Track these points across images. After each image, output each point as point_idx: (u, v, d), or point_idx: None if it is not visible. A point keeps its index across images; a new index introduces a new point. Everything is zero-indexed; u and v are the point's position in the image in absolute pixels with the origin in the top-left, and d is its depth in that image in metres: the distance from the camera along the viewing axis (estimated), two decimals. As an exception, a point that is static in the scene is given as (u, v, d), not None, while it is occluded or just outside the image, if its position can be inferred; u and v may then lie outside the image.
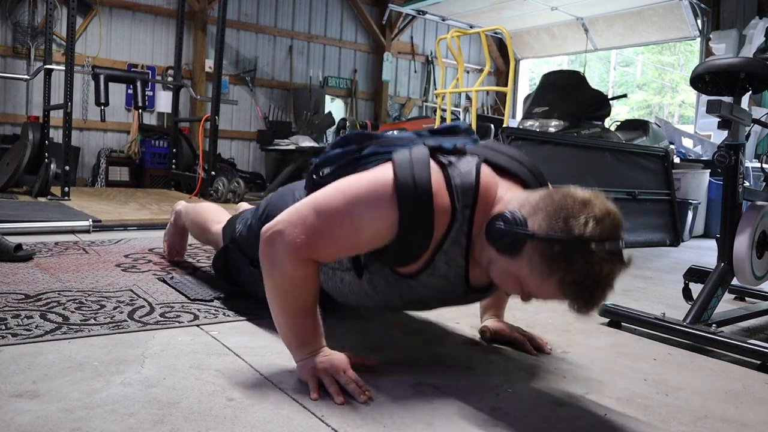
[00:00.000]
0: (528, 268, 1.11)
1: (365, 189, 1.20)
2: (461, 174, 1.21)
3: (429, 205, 1.17)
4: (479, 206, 1.20)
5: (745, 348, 1.57)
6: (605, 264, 1.05)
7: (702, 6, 6.77)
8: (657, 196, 4.22)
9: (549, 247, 1.06)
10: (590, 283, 1.05)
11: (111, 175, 6.27)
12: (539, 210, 1.11)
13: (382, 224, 1.19)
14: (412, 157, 1.22)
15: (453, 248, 1.22)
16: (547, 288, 1.10)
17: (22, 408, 1.04)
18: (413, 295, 1.31)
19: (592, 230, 1.04)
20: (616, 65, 18.44)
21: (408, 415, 1.12)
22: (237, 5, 7.16)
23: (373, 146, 1.34)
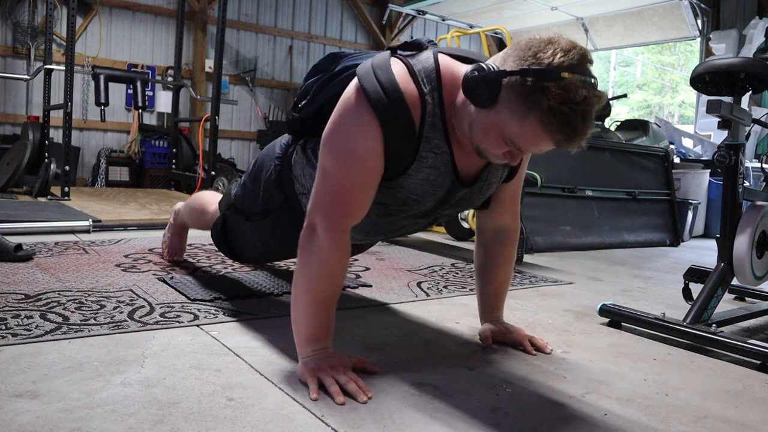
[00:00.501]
0: (508, 113, 1.13)
1: (343, 121, 1.25)
2: (420, 61, 1.26)
3: (402, 100, 1.22)
4: (445, 87, 1.25)
5: (745, 348, 1.57)
6: (579, 89, 1.07)
7: (702, 6, 6.76)
8: (657, 196, 4.22)
9: (523, 82, 1.09)
10: (568, 109, 1.07)
11: (111, 175, 6.27)
12: (508, 56, 1.15)
13: (372, 140, 1.23)
14: (373, 65, 1.26)
15: (433, 134, 1.26)
16: (528, 127, 1.11)
17: (22, 408, 1.04)
18: (407, 195, 1.34)
19: (560, 59, 1.08)
20: (616, 65, 18.45)
21: (408, 415, 1.12)
22: (237, 5, 7.16)
23: (342, 65, 1.41)
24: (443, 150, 1.28)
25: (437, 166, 1.30)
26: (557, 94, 1.06)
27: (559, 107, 1.06)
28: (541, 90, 1.07)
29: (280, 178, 1.64)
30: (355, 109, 1.24)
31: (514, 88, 1.11)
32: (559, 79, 1.07)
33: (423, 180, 1.31)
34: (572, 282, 2.55)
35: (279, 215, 1.69)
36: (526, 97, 1.09)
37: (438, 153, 1.28)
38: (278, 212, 1.69)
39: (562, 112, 1.07)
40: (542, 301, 2.14)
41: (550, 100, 1.06)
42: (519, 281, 2.45)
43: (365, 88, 1.23)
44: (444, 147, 1.28)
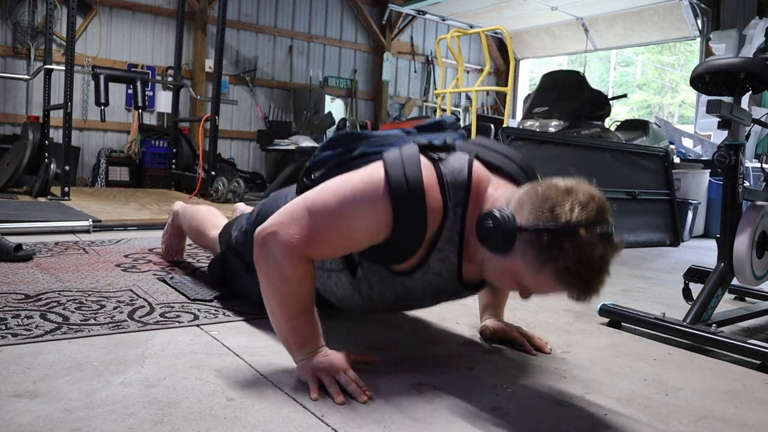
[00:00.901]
0: (522, 263, 1.11)
1: (357, 188, 1.20)
2: (453, 171, 1.21)
3: (422, 203, 1.18)
4: (471, 204, 1.21)
5: (745, 348, 1.57)
6: (596, 247, 1.05)
7: (702, 6, 6.77)
8: (657, 196, 4.21)
9: (538, 238, 1.07)
10: (584, 268, 1.05)
11: (111, 175, 6.27)
12: (525, 204, 1.12)
13: (375, 223, 1.19)
14: (402, 156, 1.22)
15: (446, 246, 1.23)
16: (543, 280, 1.10)
17: (22, 408, 1.04)
18: (407, 291, 1.32)
19: (578, 215, 1.05)
20: (616, 65, 18.45)
21: (408, 415, 1.12)
22: (237, 5, 7.16)
23: (363, 147, 1.35)
24: (452, 261, 1.25)
25: (442, 273, 1.27)
26: (573, 254, 1.04)
27: (575, 267, 1.05)
28: (558, 249, 1.05)
29: None
30: (374, 189, 1.18)
31: (530, 242, 1.08)
32: (576, 236, 1.04)
33: (426, 283, 1.30)
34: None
35: None
36: (542, 253, 1.07)
37: (446, 263, 1.26)
38: None
39: (578, 271, 1.05)
40: (542, 301, 2.14)
41: (567, 261, 1.05)
42: (519, 281, 2.45)
43: (390, 176, 1.18)
44: (454, 259, 1.25)
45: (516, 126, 5.10)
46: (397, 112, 8.62)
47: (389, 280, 1.30)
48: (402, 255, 1.24)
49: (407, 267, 1.27)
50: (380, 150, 1.30)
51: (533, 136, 3.73)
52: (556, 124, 4.81)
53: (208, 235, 2.06)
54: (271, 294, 1.23)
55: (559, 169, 3.91)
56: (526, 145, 3.53)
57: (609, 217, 1.09)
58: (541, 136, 3.90)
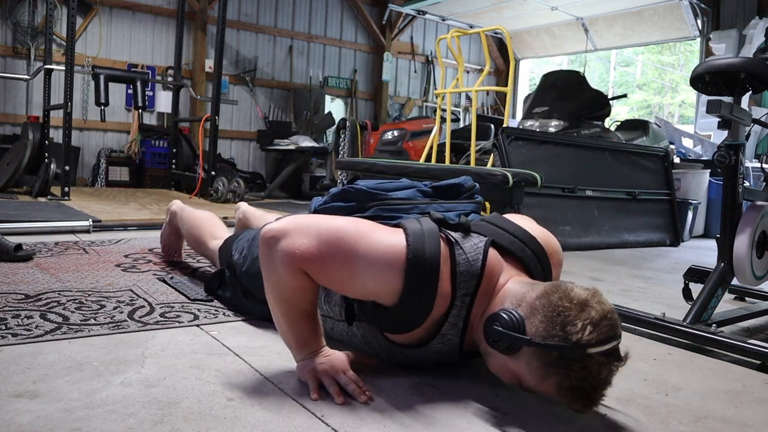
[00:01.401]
0: (526, 369, 1.11)
1: (377, 246, 1.17)
2: (467, 260, 1.19)
3: (434, 286, 1.16)
4: (480, 292, 1.20)
5: (745, 348, 1.57)
6: (603, 368, 1.05)
7: (702, 6, 6.76)
8: (657, 196, 4.21)
9: (547, 354, 1.06)
10: (588, 387, 1.05)
11: (111, 175, 6.27)
12: (536, 311, 1.10)
13: (381, 288, 1.18)
14: (424, 231, 1.20)
15: (450, 330, 1.23)
16: (545, 388, 1.10)
17: (22, 408, 1.04)
18: (405, 359, 1.32)
19: (589, 336, 1.03)
20: (616, 65, 18.45)
21: (408, 415, 1.12)
22: (237, 5, 7.16)
23: (376, 209, 1.33)
24: (454, 342, 1.25)
25: (443, 351, 1.27)
26: (580, 373, 1.04)
27: (579, 385, 1.05)
28: (564, 367, 1.05)
29: None
30: (392, 257, 1.16)
31: (537, 354, 1.08)
32: (584, 359, 1.03)
33: (426, 357, 1.29)
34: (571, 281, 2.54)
35: None
36: (548, 366, 1.07)
37: (447, 344, 1.25)
38: None
39: (582, 388, 1.05)
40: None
41: (572, 380, 1.05)
42: (519, 281, 2.45)
43: (411, 249, 1.16)
44: (456, 341, 1.25)
45: (516, 126, 5.10)
46: (397, 112, 8.62)
47: (387, 348, 1.30)
48: (398, 327, 1.23)
49: (406, 342, 1.26)
50: (394, 216, 1.30)
51: (533, 136, 3.73)
52: (556, 124, 4.81)
53: (208, 246, 2.05)
54: (272, 297, 1.23)
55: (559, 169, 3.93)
56: (526, 145, 3.53)
57: (619, 334, 1.08)
58: (541, 136, 3.90)
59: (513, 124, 5.37)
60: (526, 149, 3.51)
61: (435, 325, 1.22)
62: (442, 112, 4.60)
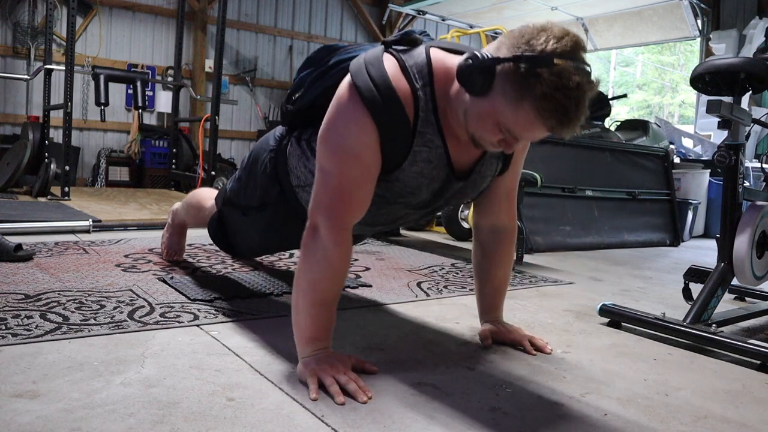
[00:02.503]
0: (502, 101, 1.13)
1: (338, 119, 1.26)
2: (413, 56, 1.27)
3: (395, 97, 1.22)
4: (437, 80, 1.26)
5: (745, 348, 1.57)
6: (572, 75, 1.07)
7: (702, 6, 6.76)
8: (657, 196, 4.22)
9: (516, 69, 1.09)
10: (561, 95, 1.07)
11: (111, 175, 6.26)
12: (502, 44, 1.15)
13: (367, 136, 1.24)
14: (365, 61, 1.26)
15: (426, 128, 1.27)
16: (523, 114, 1.12)
17: (22, 408, 1.04)
18: (403, 188, 1.35)
19: (554, 45, 1.08)
20: (616, 65, 18.45)
21: (408, 415, 1.12)
22: (237, 5, 7.16)
23: (336, 56, 1.42)
24: (437, 144, 1.30)
25: (431, 159, 1.31)
26: (550, 80, 1.06)
27: (552, 93, 1.07)
28: (534, 76, 1.07)
29: (275, 170, 1.65)
30: (349, 106, 1.24)
31: (508, 75, 1.11)
32: (552, 65, 1.07)
33: (417, 173, 1.33)
34: (572, 282, 2.55)
35: (275, 207, 1.70)
36: (520, 84, 1.09)
37: (431, 147, 1.30)
38: (274, 204, 1.70)
39: (555, 98, 1.07)
40: (542, 301, 2.14)
41: (543, 87, 1.07)
42: (519, 281, 2.45)
43: (358, 86, 1.23)
44: (438, 141, 1.29)
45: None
46: (397, 112, 8.61)
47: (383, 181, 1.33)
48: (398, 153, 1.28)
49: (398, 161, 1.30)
50: (353, 55, 1.37)
51: (533, 136, 3.72)
52: (556, 124, 4.81)
53: (206, 206, 2.08)
54: (306, 278, 1.26)
55: (559, 169, 3.93)
56: (526, 145, 3.53)
57: (584, 54, 1.12)
58: (541, 136, 3.89)
59: (513, 124, 5.35)
60: (526, 149, 3.51)
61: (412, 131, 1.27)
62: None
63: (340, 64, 1.41)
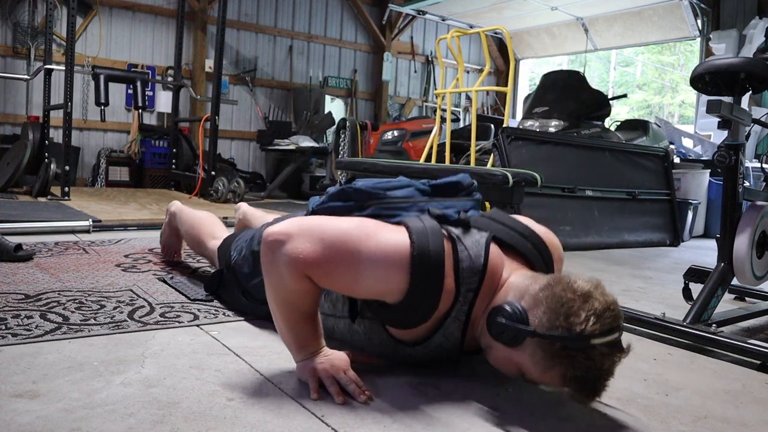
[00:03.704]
0: (530, 360, 1.11)
1: (381, 246, 1.17)
2: (469, 256, 1.19)
3: (440, 282, 1.17)
4: (483, 289, 1.20)
5: (745, 348, 1.57)
6: (606, 358, 1.06)
7: (702, 6, 6.76)
8: (657, 196, 4.21)
9: (551, 344, 1.07)
10: (592, 377, 1.06)
11: (111, 175, 6.27)
12: (540, 303, 1.10)
13: (387, 287, 1.18)
14: (427, 229, 1.20)
15: (452, 324, 1.23)
16: (549, 379, 1.11)
17: (22, 408, 1.04)
18: (406, 357, 1.32)
19: (593, 327, 1.04)
20: (616, 65, 18.44)
21: (408, 415, 1.12)
22: (237, 5, 7.16)
23: (375, 208, 1.33)
24: (455, 337, 1.25)
25: (444, 345, 1.28)
26: (584, 364, 1.04)
27: (584, 375, 1.05)
28: (568, 357, 1.05)
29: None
30: (397, 255, 1.16)
31: (541, 345, 1.08)
32: (588, 348, 1.04)
33: (426, 354, 1.30)
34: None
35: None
36: (552, 356, 1.07)
37: (449, 339, 1.26)
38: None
39: (586, 379, 1.06)
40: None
41: (576, 370, 1.05)
42: (519, 281, 2.45)
43: (416, 247, 1.16)
44: (457, 335, 1.25)
45: (516, 126, 5.10)
46: (397, 112, 8.62)
47: (389, 344, 1.30)
48: (405, 323, 1.23)
49: (409, 339, 1.26)
50: (394, 215, 1.29)
51: (533, 136, 3.73)
52: (556, 124, 4.81)
53: (207, 246, 2.05)
54: (273, 299, 1.23)
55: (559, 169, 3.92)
56: (526, 145, 3.53)
57: (621, 325, 1.09)
58: (541, 136, 3.90)
59: (513, 124, 5.36)
60: (526, 149, 3.51)
61: (438, 321, 1.22)
62: (442, 112, 4.60)
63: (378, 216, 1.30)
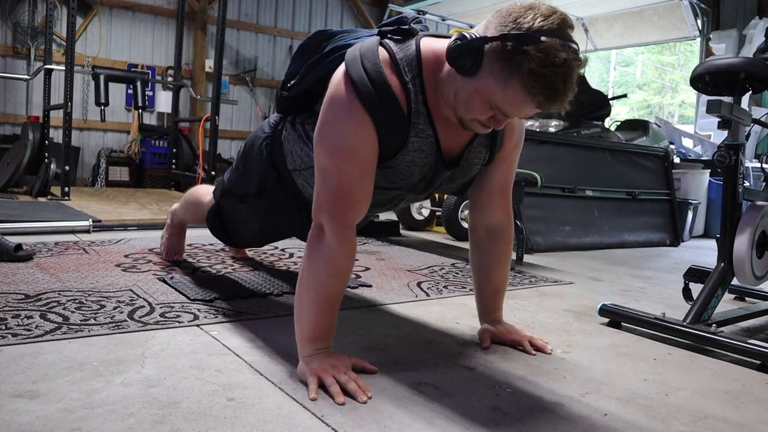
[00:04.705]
0: (491, 79, 1.15)
1: (334, 115, 1.26)
2: (403, 48, 1.29)
3: (390, 91, 1.24)
4: (426, 68, 1.27)
5: (745, 348, 1.57)
6: (559, 52, 1.09)
7: (702, 6, 6.76)
8: (657, 196, 4.22)
9: (503, 47, 1.11)
10: (549, 72, 1.09)
11: (111, 175, 6.26)
12: (490, 23, 1.17)
13: (364, 131, 1.25)
14: (360, 54, 1.28)
15: (417, 119, 1.29)
16: (511, 92, 1.14)
17: (22, 408, 1.04)
18: (395, 174, 1.37)
19: (540, 23, 1.10)
20: (616, 65, 18.44)
21: (408, 415, 1.12)
22: (237, 5, 7.16)
23: (332, 43, 1.43)
24: (428, 133, 1.32)
25: (422, 148, 1.33)
26: (537, 57, 1.08)
27: (539, 70, 1.09)
28: (522, 54, 1.09)
29: (272, 155, 1.66)
30: (345, 102, 1.25)
31: (496, 53, 1.13)
32: (539, 42, 1.09)
33: (410, 162, 1.35)
34: (572, 282, 2.55)
35: (273, 193, 1.71)
36: (507, 62, 1.11)
37: (423, 137, 1.32)
38: (272, 190, 1.71)
39: (542, 74, 1.09)
40: (542, 301, 2.14)
41: (531, 63, 1.09)
42: (519, 281, 2.45)
43: (353, 80, 1.24)
44: (429, 131, 1.32)
45: (516, 126, 5.09)
46: (397, 112, 8.62)
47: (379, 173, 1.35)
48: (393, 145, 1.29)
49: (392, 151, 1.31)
50: (349, 43, 1.38)
51: (533, 136, 3.73)
52: (556, 124, 4.81)
53: (204, 201, 2.08)
54: (310, 276, 1.27)
55: (559, 169, 3.93)
56: (526, 145, 3.53)
57: (570, 30, 1.13)
58: (541, 136, 3.90)
59: (513, 124, 5.35)
60: (526, 149, 3.50)
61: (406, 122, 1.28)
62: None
63: (335, 51, 1.41)
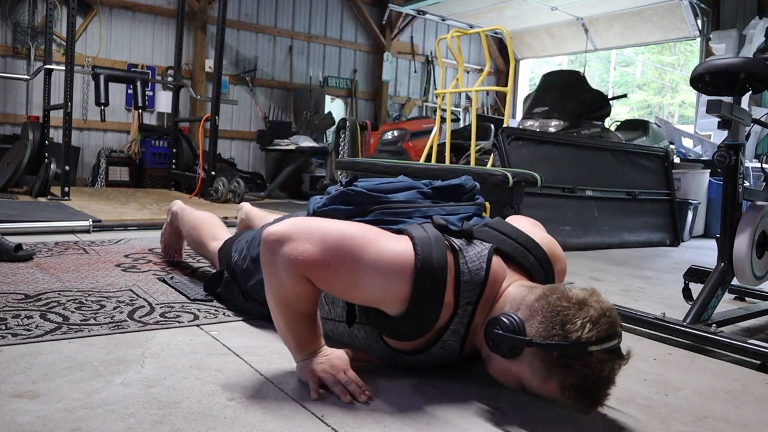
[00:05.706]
0: (528, 371, 1.11)
1: (384, 256, 1.15)
2: (470, 270, 1.19)
3: (441, 294, 1.16)
4: (482, 301, 1.20)
5: (745, 348, 1.57)
6: (604, 365, 1.04)
7: (702, 6, 6.76)
8: (657, 196, 4.21)
9: (547, 353, 1.06)
10: (591, 385, 1.05)
11: (111, 175, 6.26)
12: (536, 313, 1.10)
13: (387, 295, 1.16)
14: (429, 237, 1.19)
15: (451, 337, 1.23)
16: (548, 389, 1.10)
17: (22, 408, 1.04)
18: (405, 363, 1.32)
19: (589, 333, 1.04)
20: (616, 65, 18.44)
21: (408, 415, 1.12)
22: (237, 5, 7.16)
23: (378, 213, 1.32)
24: (453, 348, 1.25)
25: (442, 356, 1.27)
26: (581, 371, 1.04)
27: (582, 383, 1.04)
28: (566, 366, 1.04)
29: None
30: (399, 265, 1.14)
31: (538, 355, 1.08)
32: (586, 355, 1.03)
33: (424, 362, 1.30)
34: (572, 282, 2.54)
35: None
36: (549, 366, 1.07)
37: (446, 350, 1.25)
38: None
39: (584, 387, 1.05)
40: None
41: (574, 378, 1.04)
42: (519, 281, 2.45)
43: (419, 258, 1.14)
44: (456, 346, 1.25)
45: (516, 126, 5.10)
46: (397, 112, 8.62)
47: (387, 352, 1.29)
48: (402, 335, 1.22)
49: (406, 348, 1.26)
50: (397, 221, 1.28)
51: (533, 136, 3.73)
52: (556, 124, 4.81)
53: (208, 247, 2.04)
54: (273, 299, 1.22)
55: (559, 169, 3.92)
56: (526, 145, 3.53)
57: (619, 332, 1.08)
58: (541, 136, 3.90)
59: (513, 124, 5.36)
60: (526, 149, 3.51)
61: (437, 333, 1.21)
62: (442, 112, 4.60)
63: (381, 222, 1.29)
